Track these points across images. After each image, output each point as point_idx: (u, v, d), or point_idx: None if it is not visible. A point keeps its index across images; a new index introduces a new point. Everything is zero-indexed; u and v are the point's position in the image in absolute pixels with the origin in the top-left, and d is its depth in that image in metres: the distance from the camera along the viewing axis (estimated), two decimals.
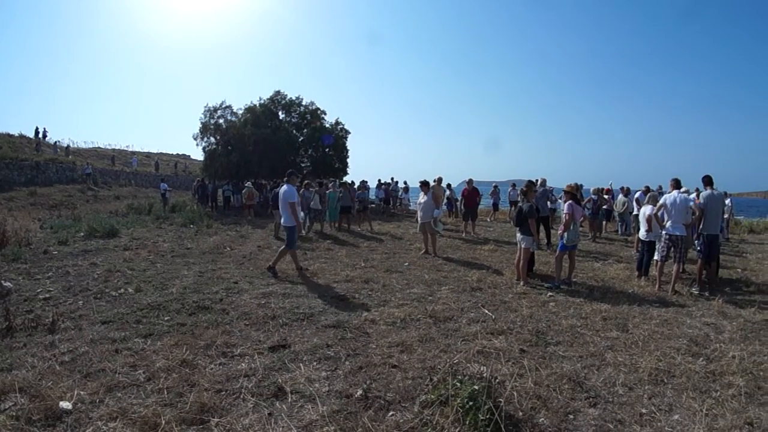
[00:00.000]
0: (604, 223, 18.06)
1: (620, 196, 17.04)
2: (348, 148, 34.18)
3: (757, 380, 4.96)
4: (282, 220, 9.45)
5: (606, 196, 17.85)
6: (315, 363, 4.94)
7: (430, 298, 7.78)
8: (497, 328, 6.21)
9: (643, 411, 4.22)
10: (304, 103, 32.93)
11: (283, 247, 9.49)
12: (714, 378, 5.01)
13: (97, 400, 4.08)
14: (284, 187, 9.40)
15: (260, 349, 5.29)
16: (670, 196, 8.87)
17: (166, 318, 6.38)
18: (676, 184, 9.10)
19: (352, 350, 5.32)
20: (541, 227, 12.83)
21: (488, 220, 22.32)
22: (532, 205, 9.05)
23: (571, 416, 4.05)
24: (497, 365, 4.96)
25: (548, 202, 14.51)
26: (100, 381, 4.44)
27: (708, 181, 8.91)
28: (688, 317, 7.24)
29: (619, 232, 17.12)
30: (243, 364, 4.85)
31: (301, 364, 4.87)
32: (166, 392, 4.22)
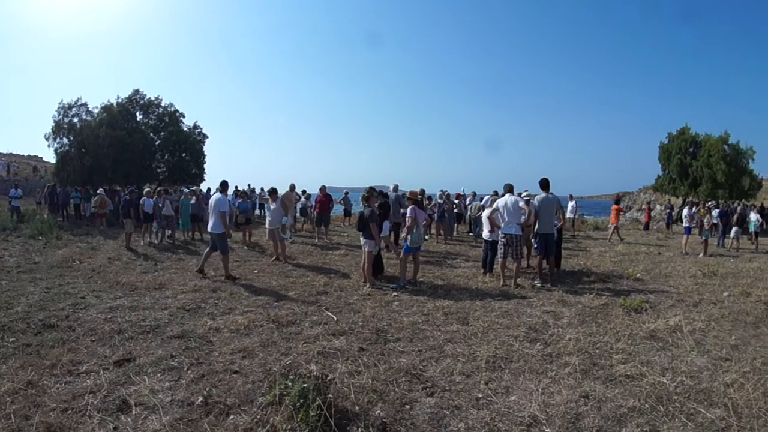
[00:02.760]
0: (456, 225, 19.68)
1: (475, 201, 18.41)
2: (205, 153, 33.17)
3: (593, 357, 5.69)
4: (210, 227, 10.20)
5: (456, 201, 19.46)
6: (159, 374, 5.09)
7: (276, 304, 8.07)
8: (339, 329, 6.59)
9: (480, 396, 4.63)
10: (163, 104, 31.46)
11: (220, 255, 10.19)
12: (551, 360, 5.62)
13: None
14: (217, 196, 10.19)
15: (106, 364, 5.35)
16: (502, 200, 9.99)
17: (11, 339, 6.18)
18: (509, 189, 10.30)
19: (196, 359, 5.51)
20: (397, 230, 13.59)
21: (343, 225, 22.82)
22: (373, 210, 9.58)
23: (408, 406, 4.37)
24: (336, 364, 5.24)
25: (400, 208, 15.07)
26: None
27: (544, 184, 10.10)
28: (528, 307, 8.06)
29: (474, 234, 18.32)
30: (89, 381, 4.90)
31: (145, 377, 4.99)
32: (12, 417, 4.15)
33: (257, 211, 25.95)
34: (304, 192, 22.74)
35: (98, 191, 21.92)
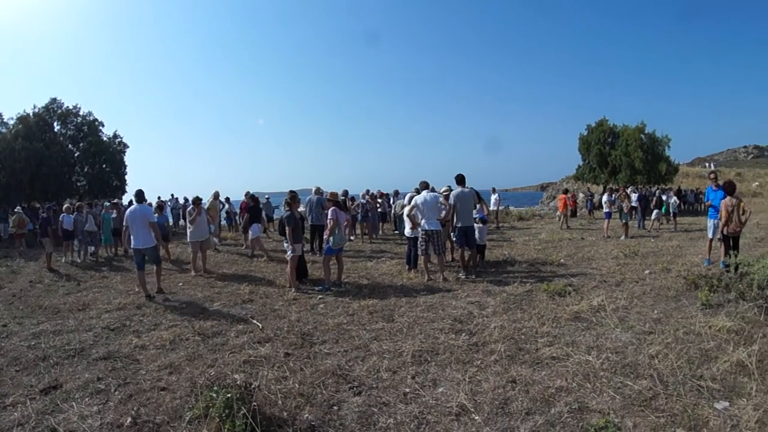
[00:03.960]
0: (380, 224, 19.88)
1: (399, 200, 18.53)
2: (126, 163, 32.10)
3: (518, 343, 5.87)
4: (142, 242, 9.58)
5: (380, 200, 19.73)
6: (87, 399, 5.00)
7: (201, 315, 8.01)
8: (264, 336, 6.63)
9: (407, 390, 4.70)
10: (81, 113, 30.10)
11: (155, 267, 9.97)
12: (477, 349, 5.75)
13: None
14: (137, 207, 9.79)
15: (32, 394, 5.21)
16: (420, 197, 10.20)
17: None
18: (425, 186, 10.53)
19: (123, 380, 5.44)
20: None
21: (270, 230, 22.51)
22: (292, 214, 9.59)
23: (336, 407, 4.43)
24: (262, 371, 5.28)
25: (323, 210, 15.03)
26: None
27: (459, 180, 10.52)
28: (453, 300, 8.22)
29: (399, 232, 18.48)
30: (16, 414, 4.74)
31: (73, 403, 4.89)
32: None
33: (180, 221, 25.32)
34: (227, 199, 22.35)
35: (16, 209, 20.72)
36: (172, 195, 26.84)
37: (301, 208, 13.96)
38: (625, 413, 4.07)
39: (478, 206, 11.02)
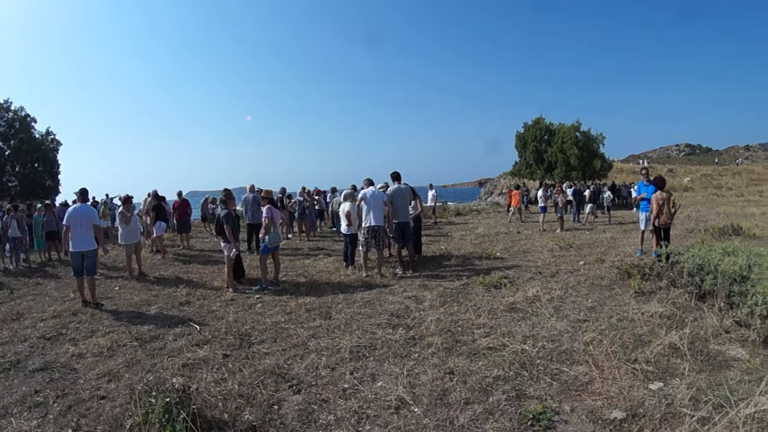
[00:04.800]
0: (318, 221, 20.14)
1: (337, 197, 18.59)
2: (60, 162, 30.72)
3: (455, 335, 5.99)
4: (82, 245, 9.04)
5: (316, 197, 19.77)
6: (26, 413, 4.83)
7: (138, 320, 7.87)
8: (203, 339, 6.57)
9: (346, 386, 4.74)
10: (13, 107, 28.68)
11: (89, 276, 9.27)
12: (414, 342, 5.84)
13: None
14: (80, 206, 9.22)
15: None
16: (369, 190, 10.34)
17: None
18: (370, 183, 10.73)
19: (61, 391, 5.29)
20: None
21: (206, 231, 22.10)
22: (229, 212, 9.45)
23: (276, 407, 4.45)
24: (201, 374, 5.25)
25: (261, 208, 14.90)
26: None
27: (396, 176, 10.85)
28: (390, 295, 8.32)
29: (337, 229, 18.52)
30: None
31: (12, 419, 4.73)
32: None
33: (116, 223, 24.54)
34: (163, 198, 21.76)
35: None
36: (107, 195, 25.87)
37: (239, 207, 13.75)
38: (563, 398, 4.21)
39: (413, 202, 11.26)
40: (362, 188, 10.87)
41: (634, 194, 22.06)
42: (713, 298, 6.47)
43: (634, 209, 19.70)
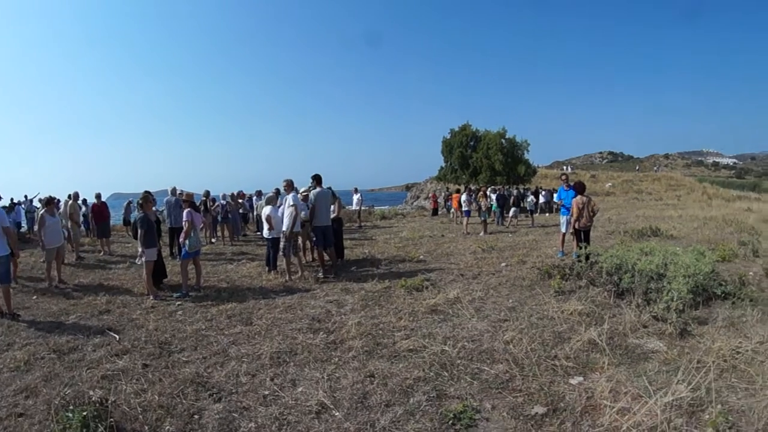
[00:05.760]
0: (243, 225, 19.91)
1: (260, 201, 18.33)
2: None
3: (376, 338, 6.06)
4: None
5: (240, 200, 19.54)
6: None
7: (56, 331, 7.54)
8: (122, 348, 6.40)
9: (267, 393, 4.72)
10: None
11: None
12: (335, 346, 5.89)
13: None
14: None
15: None
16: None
17: None
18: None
19: None
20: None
21: (127, 235, 21.44)
22: (146, 216, 9.20)
23: (197, 416, 4.40)
24: (121, 385, 5.13)
25: (183, 211, 14.56)
26: None
27: (318, 179, 10.91)
28: (312, 299, 8.33)
29: (261, 234, 18.32)
30: None
31: None
32: None
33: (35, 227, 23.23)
34: (84, 201, 20.73)
35: None
36: (26, 196, 24.49)
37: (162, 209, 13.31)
38: (483, 396, 4.33)
39: (333, 206, 11.36)
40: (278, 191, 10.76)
41: (554, 198, 22.89)
42: (631, 296, 6.81)
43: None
